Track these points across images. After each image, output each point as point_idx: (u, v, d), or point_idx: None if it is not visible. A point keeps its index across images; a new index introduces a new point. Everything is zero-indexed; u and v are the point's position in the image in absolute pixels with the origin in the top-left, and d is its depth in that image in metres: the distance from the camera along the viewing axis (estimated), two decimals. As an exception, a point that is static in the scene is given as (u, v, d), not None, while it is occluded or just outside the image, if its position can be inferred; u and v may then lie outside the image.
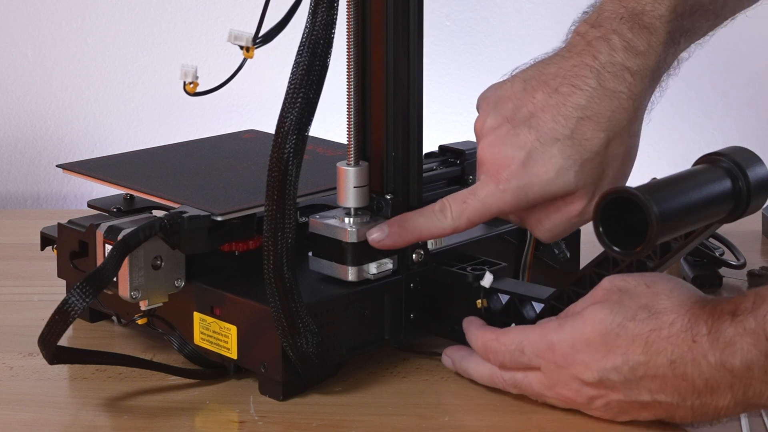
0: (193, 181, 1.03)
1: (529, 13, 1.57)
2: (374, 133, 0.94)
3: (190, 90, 0.91)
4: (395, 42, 0.92)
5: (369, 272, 0.93)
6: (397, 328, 0.96)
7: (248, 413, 0.90)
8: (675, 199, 0.85)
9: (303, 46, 0.85)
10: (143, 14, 1.55)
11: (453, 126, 1.57)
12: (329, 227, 0.93)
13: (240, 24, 0.90)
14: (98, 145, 1.56)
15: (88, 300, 0.86)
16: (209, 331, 0.94)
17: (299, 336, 0.88)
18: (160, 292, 0.93)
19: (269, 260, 0.86)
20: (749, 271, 1.15)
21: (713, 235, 1.17)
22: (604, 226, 0.85)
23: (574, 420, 0.89)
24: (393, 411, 0.91)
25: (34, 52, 1.55)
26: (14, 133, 1.56)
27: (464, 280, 0.96)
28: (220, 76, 0.91)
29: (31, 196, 1.58)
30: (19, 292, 1.16)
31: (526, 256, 1.05)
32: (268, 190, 0.86)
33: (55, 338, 0.87)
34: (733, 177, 0.88)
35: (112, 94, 1.56)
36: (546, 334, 0.88)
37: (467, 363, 0.94)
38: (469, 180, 1.12)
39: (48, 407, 0.92)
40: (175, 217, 0.92)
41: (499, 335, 0.90)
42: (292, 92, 0.85)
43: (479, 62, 1.58)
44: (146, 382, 0.95)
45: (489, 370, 0.92)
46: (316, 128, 0.90)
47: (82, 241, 0.98)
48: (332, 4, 0.85)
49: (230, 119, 1.56)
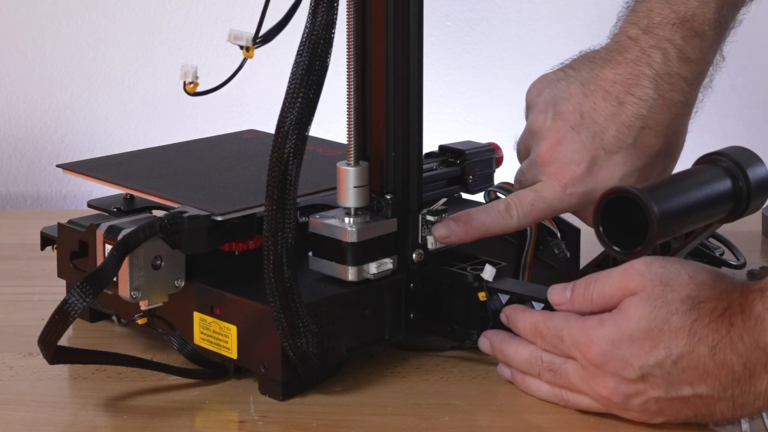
0: (193, 181, 1.03)
1: (529, 13, 1.57)
2: (374, 133, 0.94)
3: (190, 90, 0.91)
4: (395, 42, 0.92)
5: (369, 272, 0.93)
6: (397, 327, 0.96)
7: (248, 413, 0.90)
8: (675, 199, 0.85)
9: (303, 46, 0.85)
10: (143, 14, 1.55)
11: (453, 126, 1.57)
12: (329, 227, 0.93)
13: (240, 24, 0.90)
14: (98, 145, 1.56)
15: (88, 300, 0.86)
16: (209, 331, 0.94)
17: (299, 336, 0.88)
18: (160, 292, 0.93)
19: (269, 260, 0.86)
20: (749, 271, 1.15)
21: (713, 235, 1.17)
22: (604, 226, 0.85)
23: (574, 420, 0.89)
24: (393, 411, 0.91)
25: (34, 52, 1.55)
26: (14, 133, 1.56)
27: (464, 280, 0.96)
28: (220, 76, 0.91)
29: (31, 196, 1.58)
30: (19, 292, 1.16)
31: (526, 256, 1.05)
32: (268, 190, 0.86)
33: (55, 338, 0.87)
34: (733, 177, 0.88)
35: (112, 94, 1.56)
36: (586, 329, 0.87)
37: (507, 345, 0.93)
38: (469, 180, 1.12)
39: (48, 407, 0.92)
40: (175, 217, 0.92)
41: (547, 318, 0.90)
42: (292, 92, 0.85)
43: (479, 62, 1.58)
44: (146, 382, 0.95)
45: (530, 353, 0.91)
46: (316, 128, 0.90)
47: (82, 241, 0.98)
48: (332, 4, 0.85)
49: (230, 119, 1.56)
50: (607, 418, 0.88)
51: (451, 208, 0.99)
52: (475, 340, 0.96)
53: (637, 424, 0.87)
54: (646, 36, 0.97)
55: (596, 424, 0.88)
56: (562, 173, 0.98)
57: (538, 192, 0.99)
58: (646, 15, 0.98)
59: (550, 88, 1.01)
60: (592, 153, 0.97)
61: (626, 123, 0.97)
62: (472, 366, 0.98)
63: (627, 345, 0.84)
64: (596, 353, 0.85)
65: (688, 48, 0.96)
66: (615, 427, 0.88)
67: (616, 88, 0.97)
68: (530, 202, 0.98)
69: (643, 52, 0.97)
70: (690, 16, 0.96)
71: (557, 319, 0.89)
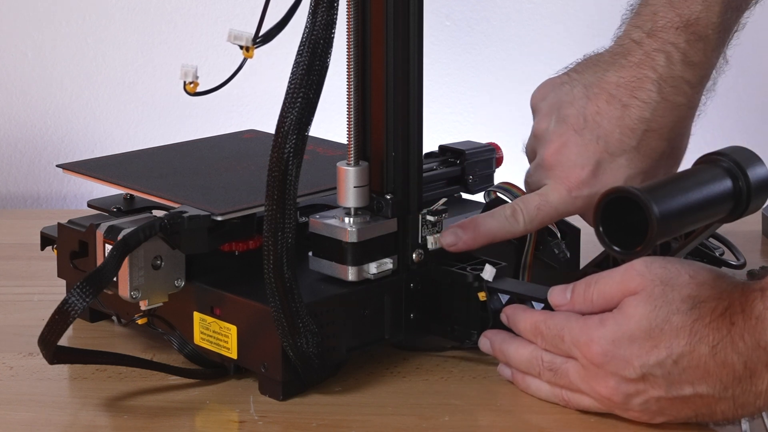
0: (193, 181, 1.03)
1: (529, 13, 1.57)
2: (374, 133, 0.94)
3: (190, 90, 0.91)
4: (395, 42, 0.92)
5: (369, 272, 0.93)
6: (397, 327, 0.96)
7: (248, 413, 0.90)
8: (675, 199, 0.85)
9: (303, 46, 0.85)
10: (143, 14, 1.55)
11: (453, 126, 1.57)
12: (329, 227, 0.93)
13: (240, 24, 0.90)
14: (98, 145, 1.56)
15: (88, 300, 0.86)
16: (209, 331, 0.94)
17: (299, 336, 0.88)
18: (160, 292, 0.93)
19: (269, 260, 0.86)
20: (749, 271, 1.15)
21: (713, 235, 1.17)
22: (604, 226, 0.85)
23: (574, 420, 0.89)
24: (393, 411, 0.91)
25: (34, 52, 1.55)
26: (14, 133, 1.56)
27: (464, 280, 0.96)
28: (220, 76, 0.91)
29: (31, 196, 1.58)
30: (19, 292, 1.16)
31: (526, 256, 1.05)
32: (268, 190, 0.86)
33: (55, 338, 0.87)
34: (733, 177, 0.88)
35: (112, 94, 1.56)
36: (587, 328, 0.87)
37: (508, 345, 0.93)
38: (469, 180, 1.13)
39: (48, 407, 0.92)
40: (175, 217, 0.92)
41: (547, 318, 0.90)
42: (292, 92, 0.85)
43: (479, 62, 1.58)
44: (146, 382, 0.95)
45: (530, 353, 0.91)
46: (316, 128, 0.90)
47: (82, 241, 0.98)
48: (332, 4, 0.85)
49: (230, 119, 1.56)
50: (608, 418, 0.88)
51: (451, 208, 0.99)
52: (475, 340, 0.96)
53: (637, 424, 0.87)
54: (650, 39, 0.98)
55: (596, 424, 0.88)
56: (567, 177, 0.98)
57: (543, 196, 0.99)
58: (650, 18, 0.98)
59: (554, 92, 1.02)
60: (597, 156, 0.98)
61: (630, 126, 0.97)
62: (472, 366, 0.98)
63: (628, 344, 0.84)
64: (597, 353, 0.85)
65: (691, 51, 0.97)
66: (615, 427, 0.88)
67: (620, 91, 0.98)
68: (536, 206, 0.99)
69: (647, 56, 0.97)
70: (694, 20, 0.96)
71: (558, 319, 0.89)
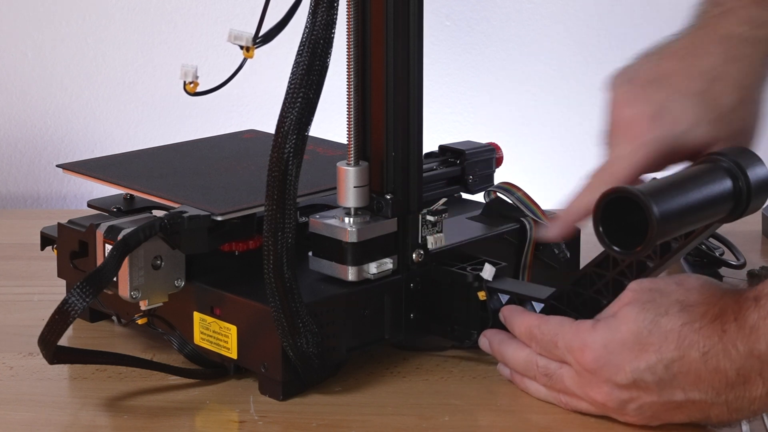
0: (193, 181, 1.03)
1: (529, 13, 1.57)
2: (374, 133, 0.94)
3: (190, 90, 0.91)
4: (395, 42, 0.92)
5: (369, 272, 0.93)
6: (397, 327, 0.96)
7: (248, 413, 0.90)
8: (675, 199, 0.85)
9: (303, 46, 0.85)
10: (143, 14, 1.55)
11: (453, 126, 1.57)
12: (329, 227, 0.93)
13: (240, 24, 0.90)
14: (98, 145, 1.56)
15: (88, 300, 0.86)
16: (209, 331, 0.94)
17: (299, 336, 0.88)
18: (160, 292, 0.93)
19: (269, 260, 0.86)
20: (749, 271, 1.15)
21: (713, 235, 1.17)
22: (604, 226, 0.85)
23: (575, 419, 0.89)
24: (393, 411, 0.91)
25: (34, 52, 1.55)
26: (14, 133, 1.56)
27: (464, 280, 0.96)
28: (220, 76, 0.91)
29: (31, 196, 1.58)
30: (19, 292, 1.16)
31: (526, 256, 1.05)
32: (268, 190, 0.86)
33: (55, 338, 0.87)
34: (733, 177, 0.88)
35: (112, 94, 1.56)
36: (580, 333, 0.87)
37: (506, 347, 0.93)
38: (469, 180, 1.12)
39: (48, 407, 0.92)
40: (175, 217, 0.92)
41: (541, 323, 0.90)
42: (292, 92, 0.85)
43: (479, 62, 1.58)
44: (146, 382, 0.95)
45: (527, 356, 0.91)
46: (316, 128, 0.90)
47: (82, 241, 0.98)
48: (332, 4, 0.85)
49: (230, 119, 1.56)
50: (608, 418, 0.88)
51: (451, 208, 0.99)
52: (475, 339, 0.96)
53: (644, 428, 0.87)
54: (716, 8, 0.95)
55: (597, 423, 0.88)
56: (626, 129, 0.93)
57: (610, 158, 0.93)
58: None
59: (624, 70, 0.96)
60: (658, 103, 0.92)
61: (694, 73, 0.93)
62: (472, 366, 0.98)
63: (619, 349, 0.85)
64: (590, 359, 0.86)
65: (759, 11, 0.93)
66: (615, 426, 0.88)
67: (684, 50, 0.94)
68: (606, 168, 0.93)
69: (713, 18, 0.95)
70: None
71: (551, 324, 0.90)
